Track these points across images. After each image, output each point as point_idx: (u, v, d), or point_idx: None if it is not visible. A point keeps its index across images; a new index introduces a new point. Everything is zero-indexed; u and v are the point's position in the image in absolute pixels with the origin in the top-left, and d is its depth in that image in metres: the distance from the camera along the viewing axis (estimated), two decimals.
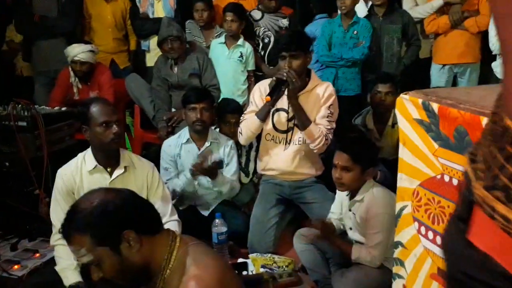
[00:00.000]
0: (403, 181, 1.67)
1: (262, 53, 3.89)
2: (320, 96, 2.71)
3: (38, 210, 2.76)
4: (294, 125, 2.74)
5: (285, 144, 2.78)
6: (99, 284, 2.24)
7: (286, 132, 2.77)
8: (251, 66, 3.74)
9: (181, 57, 3.59)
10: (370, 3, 3.92)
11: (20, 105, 2.84)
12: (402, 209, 1.68)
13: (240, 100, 3.59)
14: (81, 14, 4.22)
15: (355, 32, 3.68)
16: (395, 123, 3.04)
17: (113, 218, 1.33)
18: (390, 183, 2.31)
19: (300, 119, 2.67)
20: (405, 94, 1.60)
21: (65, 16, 4.08)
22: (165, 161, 2.99)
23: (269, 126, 2.80)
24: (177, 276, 1.33)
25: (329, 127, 2.67)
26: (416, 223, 1.61)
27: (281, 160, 2.80)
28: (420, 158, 1.57)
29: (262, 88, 2.80)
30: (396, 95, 3.03)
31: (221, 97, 3.60)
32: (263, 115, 2.72)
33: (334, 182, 2.32)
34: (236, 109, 3.19)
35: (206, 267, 1.33)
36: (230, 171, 3.00)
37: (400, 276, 1.73)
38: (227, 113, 3.17)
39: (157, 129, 3.59)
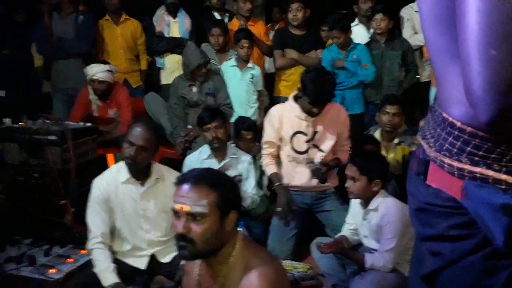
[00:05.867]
0: None
1: None
2: (336, 118, 2.95)
3: (63, 219, 2.88)
4: (313, 145, 2.93)
5: (307, 163, 2.96)
6: (138, 284, 2.38)
7: (305, 152, 2.95)
8: (259, 86, 3.99)
9: None
10: (372, 30, 4.17)
11: (49, 120, 2.98)
12: None
13: (253, 118, 3.79)
14: (95, 36, 4.39)
15: (354, 56, 3.89)
16: (401, 141, 3.23)
17: (237, 195, 1.56)
18: (397, 197, 2.53)
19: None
20: None
21: (81, 38, 4.27)
22: None
23: (288, 148, 2.98)
24: (239, 266, 1.47)
25: (350, 145, 2.93)
26: None
27: (305, 178, 2.98)
28: None
29: (276, 114, 2.97)
30: (402, 116, 3.28)
31: (235, 115, 3.79)
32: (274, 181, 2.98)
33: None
34: (250, 126, 3.40)
35: (266, 261, 1.48)
36: (250, 185, 3.14)
37: None
38: (242, 130, 3.37)
39: (174, 145, 3.74)
